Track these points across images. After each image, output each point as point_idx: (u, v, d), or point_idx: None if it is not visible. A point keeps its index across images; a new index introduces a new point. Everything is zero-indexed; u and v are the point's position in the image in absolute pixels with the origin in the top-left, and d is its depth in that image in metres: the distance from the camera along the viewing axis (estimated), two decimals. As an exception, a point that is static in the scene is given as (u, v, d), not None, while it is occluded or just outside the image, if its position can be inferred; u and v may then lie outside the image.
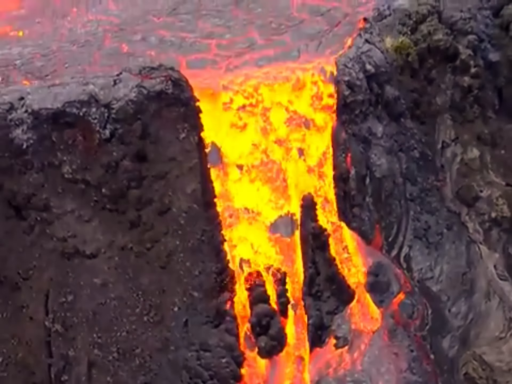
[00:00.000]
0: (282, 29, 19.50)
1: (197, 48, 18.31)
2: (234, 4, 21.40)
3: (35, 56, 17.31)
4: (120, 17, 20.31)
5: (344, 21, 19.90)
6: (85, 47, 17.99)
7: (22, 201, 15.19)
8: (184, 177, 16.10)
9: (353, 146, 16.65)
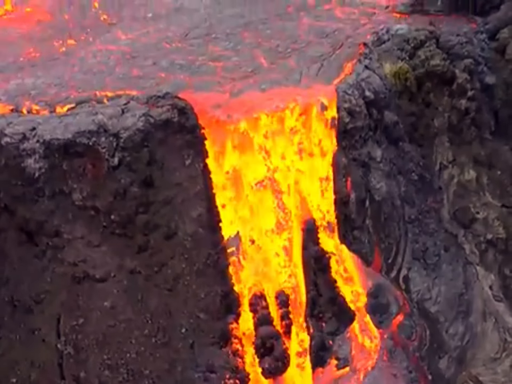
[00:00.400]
0: (287, 53, 20.16)
1: (204, 70, 18.93)
2: (244, 26, 22.24)
3: (48, 85, 17.90)
4: (131, 46, 20.99)
5: (346, 43, 20.56)
6: (96, 75, 18.62)
7: (34, 227, 15.81)
8: (189, 202, 16.69)
9: (353, 171, 17.24)
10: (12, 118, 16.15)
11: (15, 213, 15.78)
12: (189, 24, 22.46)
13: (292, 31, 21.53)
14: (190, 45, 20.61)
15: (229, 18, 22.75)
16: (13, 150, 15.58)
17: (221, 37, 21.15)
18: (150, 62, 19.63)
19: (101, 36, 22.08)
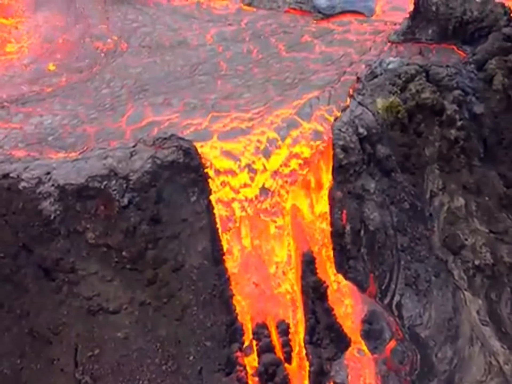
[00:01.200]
0: (295, 83, 21.26)
1: (218, 109, 19.86)
2: (254, 62, 23.25)
3: (65, 129, 19.12)
4: (141, 77, 22.19)
5: (348, 70, 21.58)
6: (111, 116, 19.72)
7: (51, 264, 17.04)
8: (195, 236, 17.87)
9: (348, 203, 18.38)
10: (28, 162, 17.36)
11: (33, 251, 17.03)
12: (196, 59, 23.48)
13: (302, 61, 22.77)
14: (200, 81, 21.76)
15: (236, 54, 23.89)
16: (30, 193, 16.82)
17: (231, 73, 22.26)
18: (161, 99, 20.69)
19: (113, 62, 23.25)
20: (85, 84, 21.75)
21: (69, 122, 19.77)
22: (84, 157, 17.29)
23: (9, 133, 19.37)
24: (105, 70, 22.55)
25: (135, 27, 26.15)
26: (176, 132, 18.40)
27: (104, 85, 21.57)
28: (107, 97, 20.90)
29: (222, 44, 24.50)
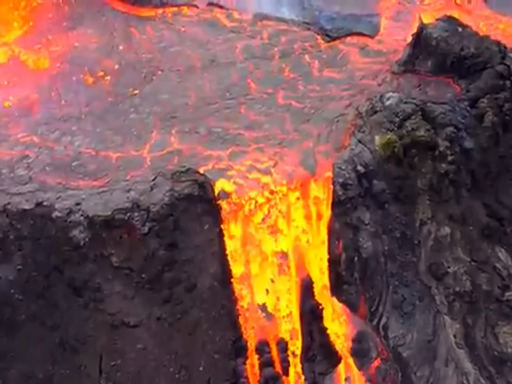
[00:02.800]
0: (310, 114, 23.07)
1: (238, 142, 21.65)
2: (282, 84, 24.88)
3: (90, 154, 21.20)
4: (171, 103, 23.86)
5: (359, 97, 23.42)
6: (133, 143, 21.68)
7: (79, 284, 19.43)
8: (207, 260, 20.15)
9: (344, 234, 20.56)
10: (60, 191, 19.46)
11: (63, 272, 19.38)
12: (228, 81, 25.17)
13: (327, 83, 24.61)
14: (226, 107, 23.55)
15: (267, 74, 25.62)
16: (61, 222, 19.05)
17: (256, 98, 24.02)
18: (188, 127, 22.55)
19: (143, 88, 24.98)
20: (117, 107, 23.66)
21: (95, 146, 21.84)
22: (110, 189, 19.42)
23: (41, 153, 21.48)
24: (136, 95, 24.36)
25: (163, 47, 27.49)
26: (195, 163, 20.55)
27: (132, 110, 23.51)
28: (135, 122, 22.84)
29: (252, 61, 26.05)
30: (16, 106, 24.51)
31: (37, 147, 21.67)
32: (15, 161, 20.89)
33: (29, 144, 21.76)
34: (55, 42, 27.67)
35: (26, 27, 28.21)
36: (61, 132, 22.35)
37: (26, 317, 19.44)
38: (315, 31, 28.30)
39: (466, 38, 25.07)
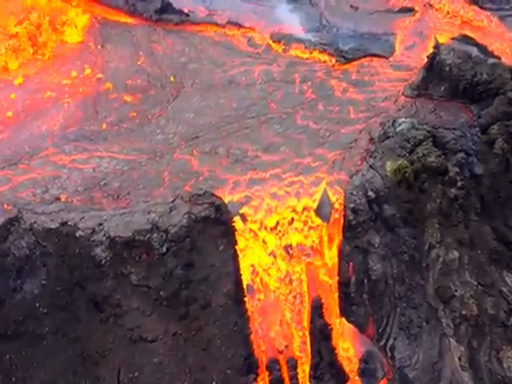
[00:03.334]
0: (326, 137, 24.01)
1: (256, 166, 22.55)
2: (302, 104, 25.98)
3: (116, 174, 22.28)
4: (195, 123, 25.04)
5: (374, 120, 24.21)
6: (158, 162, 22.81)
7: (100, 299, 20.47)
8: (221, 279, 21.08)
9: (354, 257, 21.37)
10: (83, 211, 20.49)
11: (85, 288, 20.44)
12: (249, 101, 26.45)
13: (346, 105, 25.60)
14: (247, 127, 24.72)
15: (286, 95, 26.69)
16: (85, 241, 20.09)
17: (275, 118, 25.18)
18: (208, 148, 23.64)
19: (169, 106, 26.21)
20: (143, 128, 25.01)
21: (122, 167, 23.07)
22: (131, 211, 20.41)
23: (71, 174, 22.76)
24: (162, 114, 25.54)
25: (184, 63, 28.87)
26: (213, 186, 21.47)
27: (158, 130, 24.74)
28: (160, 143, 24.16)
29: (272, 84, 27.29)
30: (48, 122, 26.02)
31: (67, 169, 22.92)
32: (48, 181, 22.11)
33: (59, 165, 22.98)
34: (87, 59, 29.15)
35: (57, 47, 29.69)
36: (89, 154, 23.58)
37: (49, 329, 20.55)
38: (332, 53, 29.15)
39: (479, 64, 25.63)
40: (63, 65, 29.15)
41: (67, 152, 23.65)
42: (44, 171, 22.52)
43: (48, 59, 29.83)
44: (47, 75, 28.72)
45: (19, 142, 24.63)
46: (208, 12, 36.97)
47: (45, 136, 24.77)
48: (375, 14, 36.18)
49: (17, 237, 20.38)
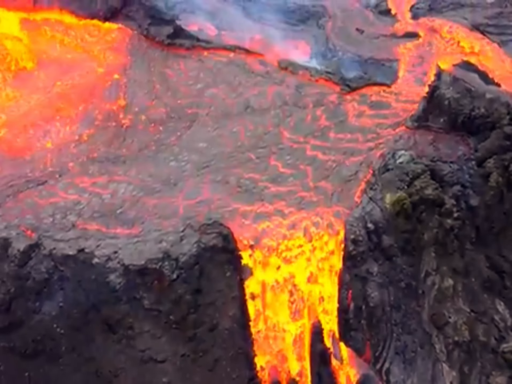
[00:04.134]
0: (332, 168, 25.23)
1: (263, 197, 23.86)
2: (314, 132, 27.17)
3: (131, 201, 23.72)
4: (208, 152, 26.42)
5: (375, 152, 25.44)
6: (170, 190, 24.14)
7: (114, 322, 21.94)
8: (228, 304, 22.44)
9: (353, 285, 22.64)
10: (100, 239, 21.90)
11: (100, 311, 21.88)
12: (262, 128, 27.76)
13: (358, 131, 26.85)
14: (258, 156, 26.07)
15: (299, 122, 27.97)
16: (100, 267, 21.53)
17: (285, 148, 26.47)
18: (220, 177, 24.94)
19: (184, 135, 27.56)
20: (159, 154, 26.44)
21: (137, 193, 24.55)
22: (143, 239, 21.78)
23: (90, 200, 24.21)
24: (176, 142, 27.02)
25: (200, 90, 30.19)
26: (222, 215, 22.84)
27: (172, 157, 26.21)
28: (173, 170, 25.54)
29: (285, 108, 28.56)
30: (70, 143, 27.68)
31: (88, 193, 24.44)
32: (68, 207, 23.63)
33: (81, 189, 24.59)
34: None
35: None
36: (109, 178, 25.16)
37: (65, 348, 21.99)
38: (337, 82, 30.35)
39: (477, 99, 26.81)
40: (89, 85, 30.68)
41: (90, 174, 25.26)
42: (66, 194, 24.13)
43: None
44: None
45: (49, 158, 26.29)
46: (217, 32, 38.58)
47: (72, 155, 26.45)
48: (380, 38, 37.68)
49: (37, 262, 21.89)
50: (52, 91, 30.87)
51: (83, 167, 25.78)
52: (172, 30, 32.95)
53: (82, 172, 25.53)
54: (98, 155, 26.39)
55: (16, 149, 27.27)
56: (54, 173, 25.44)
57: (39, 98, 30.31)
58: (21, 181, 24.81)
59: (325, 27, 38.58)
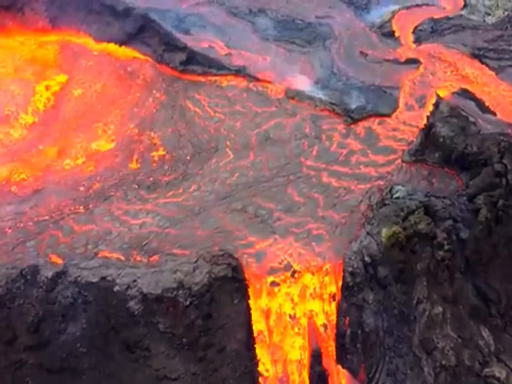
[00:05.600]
0: (341, 197, 27.51)
1: (276, 229, 26.17)
2: (337, 159, 29.44)
3: (156, 233, 26.13)
4: (229, 182, 28.81)
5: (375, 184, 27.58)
6: (194, 220, 26.60)
7: (132, 343, 24.37)
8: (235, 328, 24.82)
9: (350, 312, 24.93)
10: (120, 268, 24.19)
11: (119, 333, 24.31)
12: (283, 160, 30.07)
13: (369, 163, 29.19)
14: (276, 185, 28.46)
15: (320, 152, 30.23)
16: (121, 295, 23.84)
17: (302, 178, 28.82)
18: (239, 206, 27.39)
19: (205, 165, 30.02)
20: (181, 183, 28.84)
21: (164, 223, 27.01)
22: (160, 270, 24.06)
23: (121, 231, 26.67)
24: (200, 172, 29.43)
25: (218, 123, 32.38)
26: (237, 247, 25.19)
27: (195, 186, 28.60)
28: (197, 200, 28.03)
29: (307, 140, 30.85)
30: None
31: (120, 221, 27.02)
32: (100, 236, 26.11)
33: (116, 217, 27.16)
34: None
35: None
36: (142, 205, 27.77)
37: (88, 365, 24.43)
38: (340, 113, 32.36)
39: (471, 136, 28.87)
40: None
41: (128, 200, 27.87)
42: (102, 221, 26.69)
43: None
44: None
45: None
46: (227, 51, 40.41)
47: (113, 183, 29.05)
48: (383, 63, 39.48)
49: (63, 288, 24.21)
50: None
51: (121, 194, 28.26)
52: (185, 57, 35.01)
53: (119, 198, 28.06)
54: (134, 183, 28.90)
55: (65, 175, 30.05)
56: (98, 196, 28.10)
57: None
58: (65, 208, 27.51)
59: (330, 49, 40.65)
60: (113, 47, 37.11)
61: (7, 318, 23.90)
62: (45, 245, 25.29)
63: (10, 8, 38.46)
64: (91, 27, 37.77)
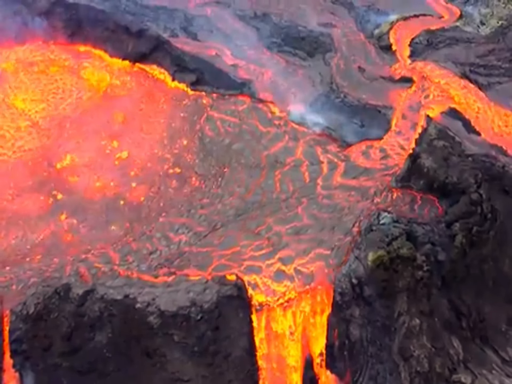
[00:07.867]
0: (341, 219, 31.45)
1: (283, 254, 30.09)
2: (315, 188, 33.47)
3: (182, 251, 30.42)
4: (247, 199, 32.74)
5: (369, 204, 31.41)
6: (214, 237, 30.82)
7: (151, 351, 28.61)
8: (239, 338, 29.16)
9: (339, 326, 29.10)
10: (141, 287, 28.22)
11: (140, 342, 28.54)
12: (298, 182, 33.83)
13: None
14: (287, 207, 32.22)
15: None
16: (141, 311, 27.94)
17: (314, 198, 32.56)
18: (254, 225, 31.33)
19: (214, 185, 34.07)
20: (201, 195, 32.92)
21: (191, 240, 31.06)
22: (176, 289, 28.11)
23: (155, 251, 30.96)
24: (211, 190, 33.52)
25: (227, 145, 36.08)
26: (247, 269, 29.35)
27: (217, 201, 32.71)
28: (218, 215, 32.25)
29: (317, 165, 34.65)
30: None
31: (162, 240, 31.26)
32: (145, 253, 30.56)
33: (160, 237, 31.50)
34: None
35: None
36: (180, 225, 32.02)
37: (112, 368, 28.85)
38: (335, 138, 35.90)
39: (452, 167, 32.65)
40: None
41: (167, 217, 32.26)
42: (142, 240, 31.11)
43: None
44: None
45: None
46: (233, 61, 43.47)
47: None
48: (379, 80, 42.64)
49: (91, 303, 28.39)
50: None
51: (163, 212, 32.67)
52: (195, 78, 38.25)
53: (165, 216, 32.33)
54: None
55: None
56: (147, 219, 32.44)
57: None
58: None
59: (330, 64, 43.69)
60: (127, 64, 40.54)
61: (44, 328, 28.31)
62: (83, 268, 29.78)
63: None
64: (106, 44, 41.03)
